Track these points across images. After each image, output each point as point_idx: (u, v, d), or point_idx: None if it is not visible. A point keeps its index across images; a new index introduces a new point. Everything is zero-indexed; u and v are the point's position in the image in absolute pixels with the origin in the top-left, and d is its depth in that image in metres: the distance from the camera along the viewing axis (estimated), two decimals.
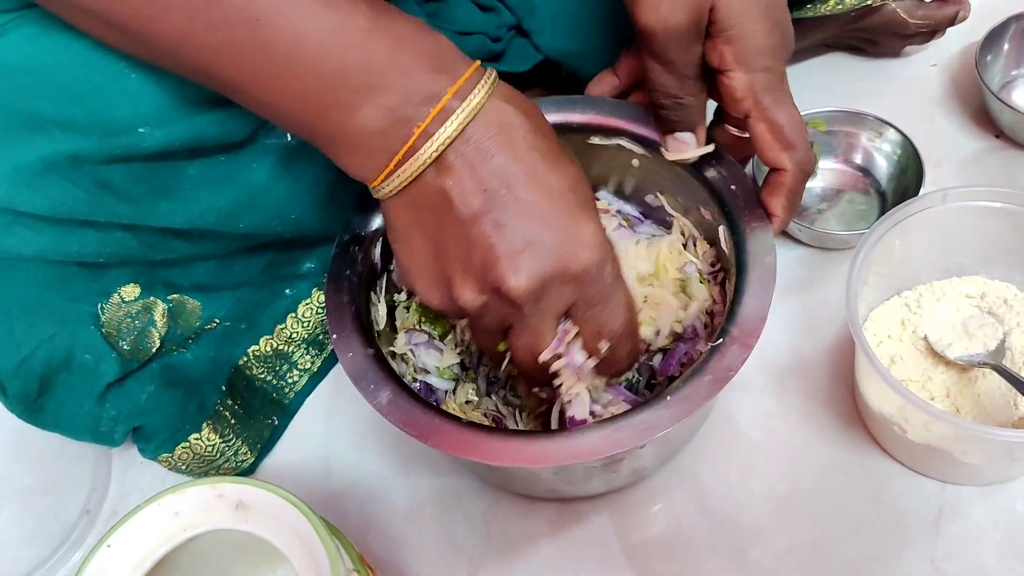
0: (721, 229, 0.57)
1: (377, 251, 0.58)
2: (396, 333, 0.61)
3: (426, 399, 0.52)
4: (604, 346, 0.50)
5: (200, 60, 0.45)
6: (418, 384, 0.61)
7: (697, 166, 0.57)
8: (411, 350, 0.60)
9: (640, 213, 0.65)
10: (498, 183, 0.45)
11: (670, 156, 0.57)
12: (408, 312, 0.61)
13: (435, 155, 0.44)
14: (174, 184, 0.54)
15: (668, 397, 0.48)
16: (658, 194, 0.63)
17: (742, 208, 0.56)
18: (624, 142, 0.60)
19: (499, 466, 0.57)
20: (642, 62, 0.53)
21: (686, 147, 0.56)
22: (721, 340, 0.50)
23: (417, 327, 0.61)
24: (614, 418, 0.49)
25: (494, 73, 0.47)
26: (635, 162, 0.61)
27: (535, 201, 0.45)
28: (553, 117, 0.59)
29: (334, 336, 0.53)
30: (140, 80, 0.50)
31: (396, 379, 0.52)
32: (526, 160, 0.45)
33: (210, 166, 0.55)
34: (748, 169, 0.73)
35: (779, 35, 0.52)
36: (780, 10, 0.53)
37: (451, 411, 0.57)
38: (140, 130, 0.50)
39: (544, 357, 0.49)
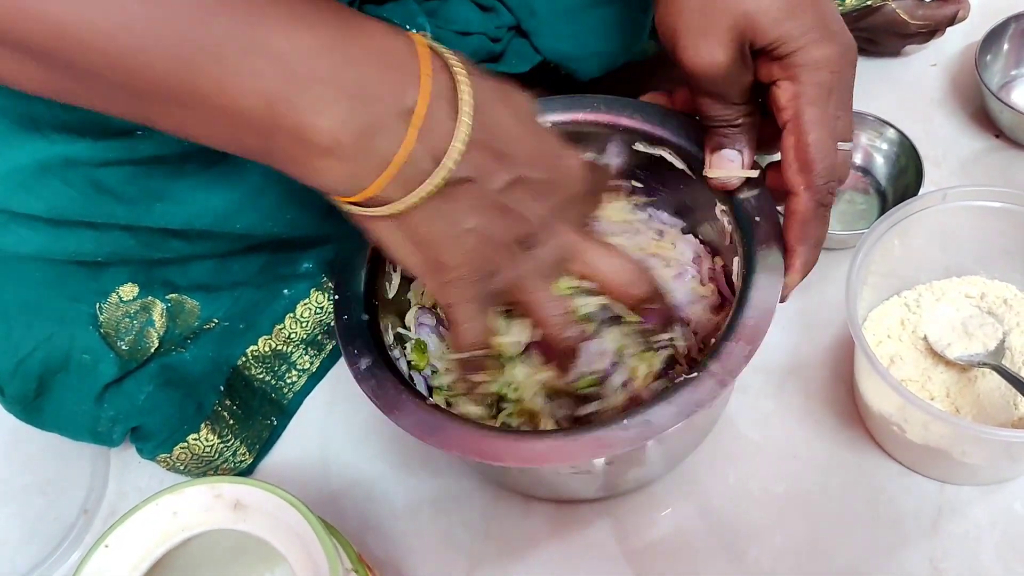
0: (735, 261, 0.56)
1: None
2: (409, 307, 0.61)
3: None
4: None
5: (136, 67, 0.39)
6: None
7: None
8: (416, 327, 0.60)
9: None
10: (502, 144, 0.44)
11: (711, 173, 0.55)
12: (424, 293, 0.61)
13: (449, 173, 0.42)
14: (170, 186, 0.54)
15: (668, 398, 0.48)
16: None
17: (760, 241, 0.54)
18: (667, 154, 0.59)
19: (501, 466, 0.57)
20: (692, 95, 0.53)
21: (730, 165, 0.54)
22: (723, 344, 0.50)
23: (431, 308, 0.61)
24: (614, 419, 0.48)
25: (459, 64, 0.43)
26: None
27: (531, 143, 0.46)
28: (600, 116, 0.60)
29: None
30: None
31: (407, 385, 0.52)
32: (520, 129, 0.45)
33: (205, 168, 0.55)
34: None
35: (833, 45, 0.49)
36: (831, 18, 0.50)
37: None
38: (138, 132, 0.50)
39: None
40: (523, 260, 0.48)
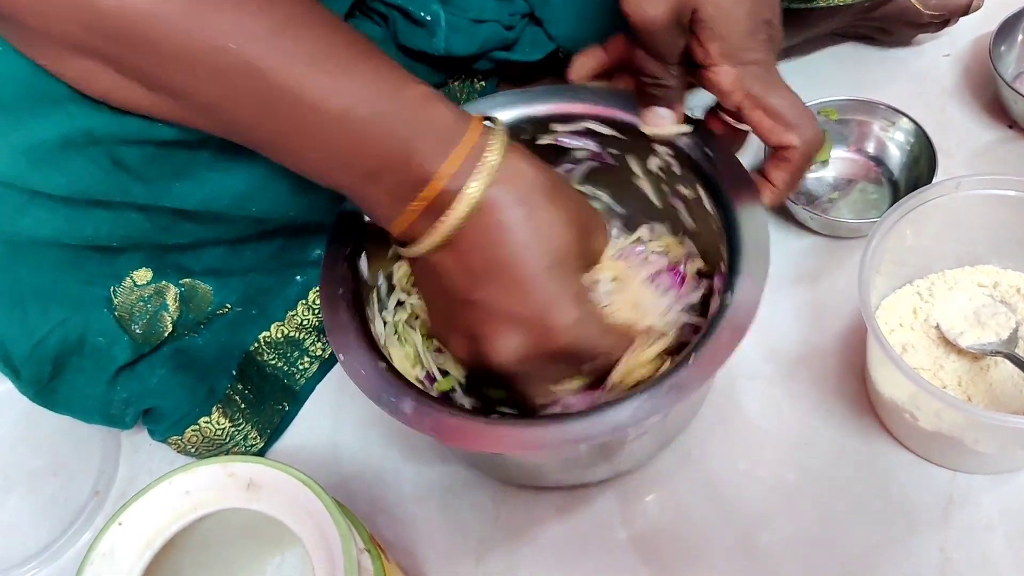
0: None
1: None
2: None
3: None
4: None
5: (241, 121, 0.47)
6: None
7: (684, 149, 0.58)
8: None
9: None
10: (481, 262, 0.48)
11: (646, 130, 0.57)
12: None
13: (449, 233, 0.47)
14: (188, 166, 0.54)
15: (659, 384, 0.48)
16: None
17: (729, 186, 0.56)
18: (592, 124, 0.60)
19: (498, 458, 0.58)
20: (629, 46, 0.55)
21: (663, 122, 0.57)
22: (713, 328, 0.50)
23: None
24: (607, 404, 0.48)
25: (496, 144, 0.47)
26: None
27: (517, 277, 0.48)
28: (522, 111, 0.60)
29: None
30: None
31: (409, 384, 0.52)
32: (515, 238, 0.47)
33: (223, 150, 0.55)
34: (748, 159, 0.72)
35: (764, 28, 0.53)
36: (767, 5, 0.53)
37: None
38: None
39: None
40: (468, 360, 0.52)
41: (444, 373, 0.61)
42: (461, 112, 0.48)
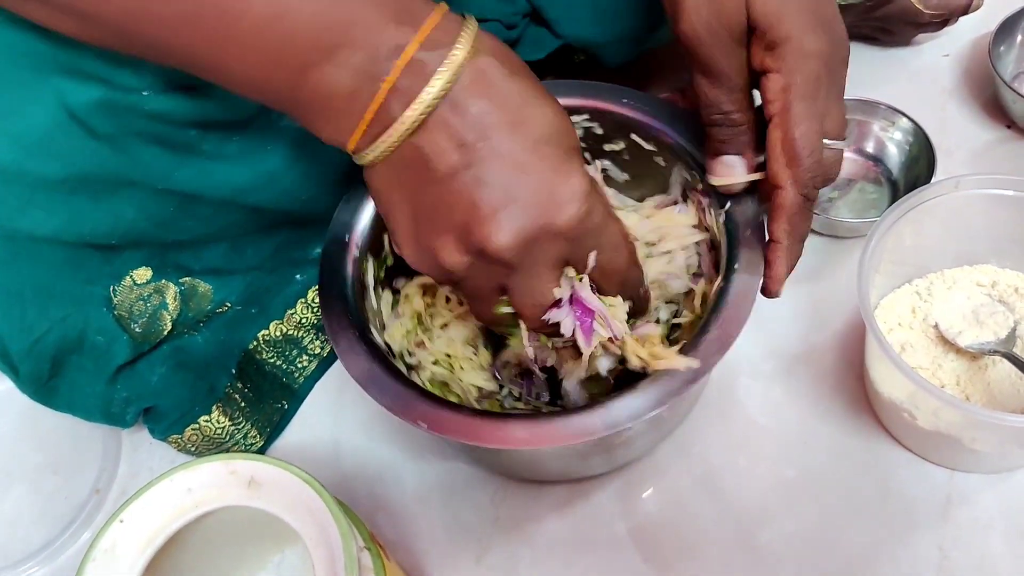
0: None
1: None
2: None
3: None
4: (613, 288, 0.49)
5: (155, 34, 0.43)
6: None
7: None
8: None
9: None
10: (475, 136, 0.43)
11: (714, 181, 0.53)
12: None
13: (422, 118, 0.42)
14: (188, 156, 0.54)
15: (647, 383, 0.48)
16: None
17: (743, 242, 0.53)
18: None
19: (496, 449, 0.58)
20: (692, 80, 0.51)
21: (731, 172, 0.52)
22: (707, 324, 0.50)
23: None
24: (600, 402, 0.49)
25: (473, 24, 0.44)
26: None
27: (515, 152, 0.43)
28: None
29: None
30: None
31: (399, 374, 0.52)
32: (505, 109, 0.43)
33: (223, 143, 0.55)
34: None
35: (825, 38, 0.49)
36: (827, 11, 0.49)
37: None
38: (143, 93, 0.50)
39: (552, 316, 0.48)
40: (463, 266, 0.46)
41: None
42: None
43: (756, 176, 0.52)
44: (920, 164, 0.74)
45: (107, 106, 0.50)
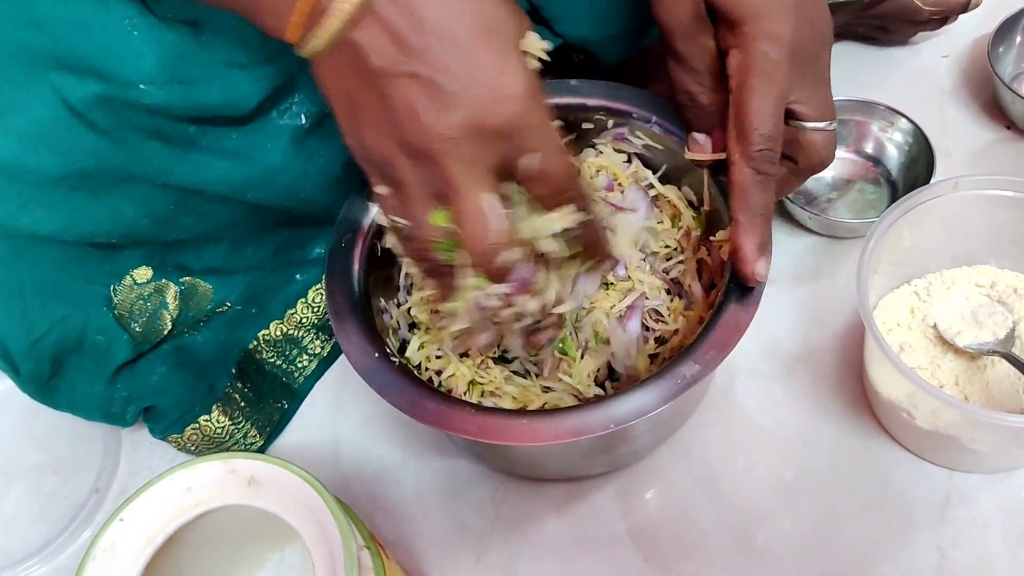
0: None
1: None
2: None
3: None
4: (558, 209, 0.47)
5: None
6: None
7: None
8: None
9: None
10: (410, 29, 0.41)
11: (687, 155, 0.57)
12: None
13: (355, 11, 0.41)
14: (188, 151, 0.54)
15: (650, 380, 0.49)
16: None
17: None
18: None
19: (498, 447, 0.58)
20: (666, 64, 0.53)
21: (700, 148, 0.55)
22: (714, 321, 0.50)
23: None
24: (600, 400, 0.49)
25: None
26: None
27: (452, 44, 0.41)
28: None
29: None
30: (141, 38, 0.49)
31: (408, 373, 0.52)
32: (451, 26, 0.42)
33: (221, 138, 0.55)
34: None
35: (791, 18, 0.49)
36: None
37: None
38: (141, 87, 0.50)
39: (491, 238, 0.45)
40: (401, 165, 0.44)
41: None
42: None
43: (720, 156, 0.54)
44: (919, 165, 0.74)
45: (105, 100, 0.50)
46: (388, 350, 0.53)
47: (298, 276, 0.69)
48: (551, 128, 0.45)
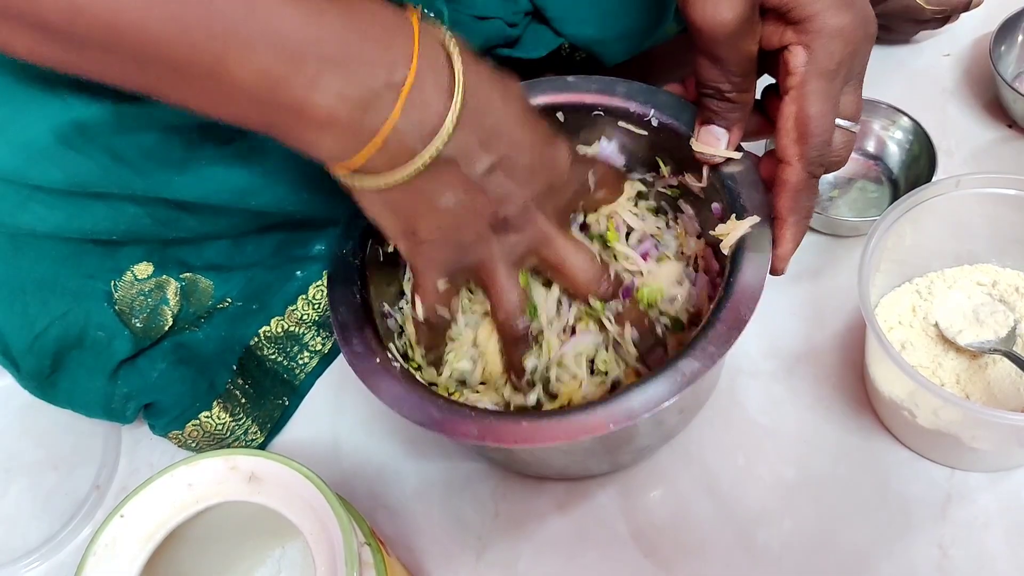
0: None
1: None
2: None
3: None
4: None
5: (140, 42, 0.40)
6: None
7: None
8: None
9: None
10: (491, 128, 0.46)
11: (696, 147, 0.54)
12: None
13: (437, 152, 0.44)
14: (188, 161, 0.54)
15: (654, 377, 0.48)
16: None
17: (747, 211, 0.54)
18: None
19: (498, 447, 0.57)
20: (693, 57, 0.51)
21: (716, 142, 0.54)
22: (712, 319, 0.50)
23: None
24: (606, 398, 0.49)
25: (455, 46, 0.45)
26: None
27: (521, 133, 0.48)
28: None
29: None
30: None
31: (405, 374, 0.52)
32: (504, 93, 0.47)
33: (224, 145, 0.55)
34: None
35: (850, 15, 0.48)
36: None
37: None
38: (151, 101, 0.50)
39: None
40: (494, 242, 0.51)
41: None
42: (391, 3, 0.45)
43: (735, 154, 0.54)
44: (921, 163, 0.74)
45: (115, 118, 0.50)
46: (390, 355, 0.53)
47: (299, 273, 0.69)
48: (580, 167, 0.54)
